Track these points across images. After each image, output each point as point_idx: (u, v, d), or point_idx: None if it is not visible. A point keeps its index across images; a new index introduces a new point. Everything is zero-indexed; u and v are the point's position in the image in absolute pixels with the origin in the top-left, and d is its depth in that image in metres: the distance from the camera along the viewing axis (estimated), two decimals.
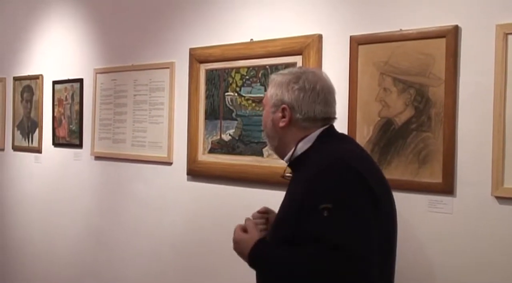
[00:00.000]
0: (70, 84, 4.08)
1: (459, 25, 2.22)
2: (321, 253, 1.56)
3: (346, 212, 1.57)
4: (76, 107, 4.02)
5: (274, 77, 1.88)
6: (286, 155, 1.85)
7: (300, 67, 2.23)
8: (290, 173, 1.89)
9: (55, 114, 4.22)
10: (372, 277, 1.57)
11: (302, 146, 1.80)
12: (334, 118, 1.87)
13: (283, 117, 1.81)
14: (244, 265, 1.80)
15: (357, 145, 1.93)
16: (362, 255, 1.54)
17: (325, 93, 1.82)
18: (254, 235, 1.80)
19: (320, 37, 2.64)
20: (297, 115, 1.80)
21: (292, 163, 1.84)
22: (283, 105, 1.81)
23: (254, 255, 1.75)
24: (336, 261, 1.54)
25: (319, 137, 1.80)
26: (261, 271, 1.81)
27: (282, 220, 1.76)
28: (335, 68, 2.56)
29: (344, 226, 1.56)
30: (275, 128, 1.84)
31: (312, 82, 1.81)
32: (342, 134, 1.95)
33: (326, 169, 1.66)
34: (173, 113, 3.33)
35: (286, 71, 1.93)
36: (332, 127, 1.85)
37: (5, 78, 4.75)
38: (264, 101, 1.91)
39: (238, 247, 1.83)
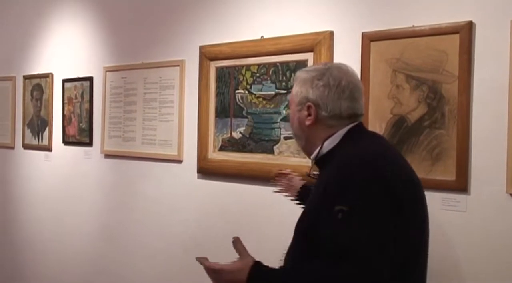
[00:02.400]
0: (80, 82, 4.08)
1: (473, 21, 2.19)
2: (327, 261, 1.49)
3: (361, 216, 1.49)
4: (86, 105, 4.03)
5: (299, 74, 1.81)
6: (312, 153, 1.79)
7: (325, 63, 2.12)
8: (316, 171, 1.83)
9: (65, 113, 4.23)
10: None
11: (328, 145, 1.73)
12: (361, 115, 1.78)
13: (309, 115, 1.74)
14: None
15: (387, 144, 1.83)
16: (372, 266, 1.47)
17: (351, 89, 1.74)
18: (246, 262, 1.62)
19: (331, 33, 2.62)
20: (323, 113, 1.72)
21: (318, 162, 1.78)
22: (308, 103, 1.73)
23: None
24: (343, 269, 1.46)
25: (345, 135, 1.72)
26: None
27: (300, 224, 1.70)
28: None
29: (357, 232, 1.48)
30: (301, 126, 1.78)
31: (337, 78, 1.73)
32: (372, 132, 1.86)
33: (346, 169, 1.59)
34: (183, 111, 3.33)
35: (311, 67, 1.87)
36: (360, 124, 1.77)
37: (15, 77, 4.76)
38: (290, 99, 1.85)
39: (229, 280, 1.63)
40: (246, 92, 2.97)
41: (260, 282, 1.58)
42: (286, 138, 2.79)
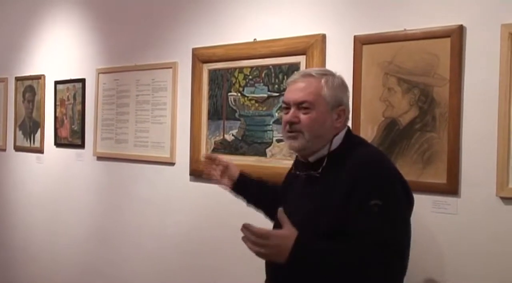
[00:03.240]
0: (72, 84, 4.07)
1: (464, 24, 2.21)
2: (370, 247, 1.64)
3: (394, 210, 1.70)
4: (78, 107, 4.02)
5: (326, 79, 1.87)
6: (317, 152, 1.89)
7: (326, 68, 2.30)
8: (304, 170, 1.94)
9: (57, 114, 4.22)
10: (404, 273, 1.74)
11: (336, 143, 1.88)
12: None
13: (339, 117, 1.89)
14: (248, 264, 1.77)
15: None
16: (405, 253, 1.71)
17: None
18: (292, 230, 1.67)
19: (324, 37, 2.63)
20: (348, 115, 1.94)
21: (328, 158, 1.87)
22: (342, 107, 1.90)
23: (299, 252, 1.64)
24: (385, 256, 1.63)
25: (347, 135, 1.92)
26: (304, 266, 1.70)
27: (321, 209, 1.78)
28: (339, 68, 2.50)
29: (393, 224, 1.68)
30: (329, 128, 1.88)
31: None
32: (359, 136, 2.12)
33: (371, 166, 1.77)
34: (175, 113, 3.33)
35: (326, 71, 1.95)
36: (350, 128, 1.98)
37: (7, 78, 4.74)
38: (311, 101, 1.85)
39: (274, 245, 1.65)
40: (239, 94, 2.97)
41: (306, 250, 1.65)
42: (278, 140, 2.79)
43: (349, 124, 2.42)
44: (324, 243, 1.69)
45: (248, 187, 2.31)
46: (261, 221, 2.81)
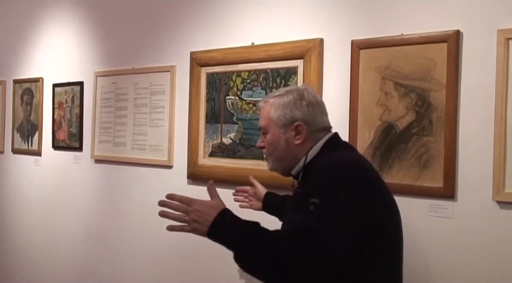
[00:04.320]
0: (71, 87, 4.08)
1: (461, 30, 2.23)
2: (288, 234, 1.60)
3: (328, 208, 1.60)
4: (76, 110, 4.02)
5: (273, 101, 1.90)
6: (294, 168, 1.89)
7: (291, 86, 2.36)
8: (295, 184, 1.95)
9: (55, 117, 4.22)
10: (325, 273, 1.58)
11: (311, 155, 1.86)
12: (331, 127, 1.96)
13: (297, 134, 1.87)
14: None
15: (358, 153, 2.01)
16: (325, 248, 1.55)
17: (323, 104, 1.95)
18: (219, 202, 1.70)
19: (321, 41, 2.64)
20: (312, 129, 1.87)
21: (298, 173, 1.88)
22: (297, 123, 1.86)
23: (221, 222, 1.63)
24: (300, 242, 1.55)
25: (325, 144, 1.87)
26: (222, 241, 1.67)
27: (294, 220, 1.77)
28: (336, 72, 2.57)
29: (322, 219, 1.58)
30: (289, 147, 1.87)
31: (314, 96, 1.92)
32: (345, 142, 2.00)
33: (322, 170, 1.74)
34: (173, 116, 3.34)
35: (281, 91, 1.94)
36: (337, 134, 1.93)
37: (5, 81, 4.74)
38: (264, 125, 1.91)
39: (196, 210, 1.66)
40: (237, 98, 2.98)
41: (226, 224, 1.64)
42: None
43: (346, 128, 2.47)
44: (247, 222, 1.64)
45: (275, 205, 2.42)
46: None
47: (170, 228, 1.73)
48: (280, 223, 2.09)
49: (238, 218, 1.67)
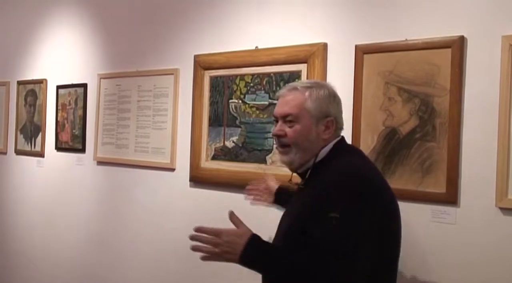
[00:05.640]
0: (74, 89, 4.08)
1: (465, 35, 2.22)
2: (318, 256, 1.62)
3: (351, 224, 1.65)
4: (80, 112, 4.03)
5: (309, 92, 1.87)
6: (305, 165, 1.89)
7: (314, 80, 2.39)
8: (298, 182, 1.95)
9: (58, 119, 4.23)
10: None
11: (322, 154, 1.87)
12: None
13: (326, 129, 1.87)
14: (246, 270, 1.77)
15: (367, 158, 1.99)
16: (354, 267, 1.64)
17: None
18: (246, 229, 1.73)
19: (325, 45, 2.64)
20: (338, 126, 1.90)
21: (306, 171, 1.89)
22: (330, 118, 1.87)
23: (251, 250, 1.67)
24: (329, 266, 1.60)
25: (334, 146, 1.88)
26: (256, 266, 1.74)
27: (294, 226, 1.79)
28: (340, 77, 2.56)
29: (345, 236, 1.63)
30: (317, 140, 1.87)
31: (338, 95, 1.94)
32: (352, 146, 2.03)
33: (337, 180, 1.73)
34: (176, 119, 3.34)
35: (311, 83, 1.94)
36: (344, 138, 1.95)
37: (9, 82, 4.75)
38: (296, 114, 1.87)
39: (226, 242, 1.69)
40: (240, 101, 2.98)
41: (257, 250, 1.68)
42: None
43: (350, 133, 2.47)
44: (276, 246, 1.72)
45: (285, 200, 2.36)
46: (261, 227, 2.81)
47: (205, 260, 1.74)
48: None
49: (267, 243, 1.72)
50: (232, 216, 1.77)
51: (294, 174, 2.01)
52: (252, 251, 1.67)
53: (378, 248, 1.72)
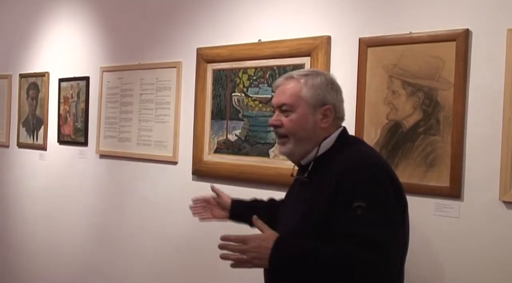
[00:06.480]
0: (76, 82, 4.08)
1: (470, 28, 2.21)
2: (353, 248, 1.59)
3: (379, 211, 1.63)
4: (82, 105, 4.02)
5: (305, 80, 1.84)
6: (307, 156, 1.86)
7: (312, 68, 2.33)
8: (301, 173, 1.91)
9: (60, 112, 4.22)
10: (393, 276, 1.70)
11: (325, 146, 1.84)
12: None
13: (324, 118, 1.83)
14: None
15: (374, 149, 2.01)
16: (391, 254, 1.62)
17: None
18: (271, 232, 1.70)
19: (329, 38, 2.63)
20: (337, 115, 1.86)
21: (314, 163, 1.84)
22: (328, 106, 1.83)
23: (279, 251, 1.64)
24: (368, 257, 1.58)
25: (338, 137, 1.85)
26: (287, 268, 1.68)
27: (309, 213, 1.75)
28: (343, 70, 2.55)
29: (377, 226, 1.61)
30: (315, 129, 1.83)
31: (338, 84, 1.90)
32: (357, 137, 2.02)
33: (359, 166, 1.71)
34: (179, 112, 3.33)
35: (308, 71, 1.92)
36: (346, 129, 1.92)
37: (11, 75, 4.75)
38: (291, 103, 1.83)
39: (254, 247, 1.66)
40: (243, 95, 2.98)
41: (285, 250, 1.65)
42: None
43: (353, 126, 2.46)
44: (304, 243, 1.66)
45: (245, 212, 2.19)
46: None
47: (234, 267, 1.73)
48: (247, 227, 1.98)
49: (295, 242, 1.68)
50: (256, 222, 1.74)
51: (296, 168, 1.99)
52: (280, 252, 1.64)
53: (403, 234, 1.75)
